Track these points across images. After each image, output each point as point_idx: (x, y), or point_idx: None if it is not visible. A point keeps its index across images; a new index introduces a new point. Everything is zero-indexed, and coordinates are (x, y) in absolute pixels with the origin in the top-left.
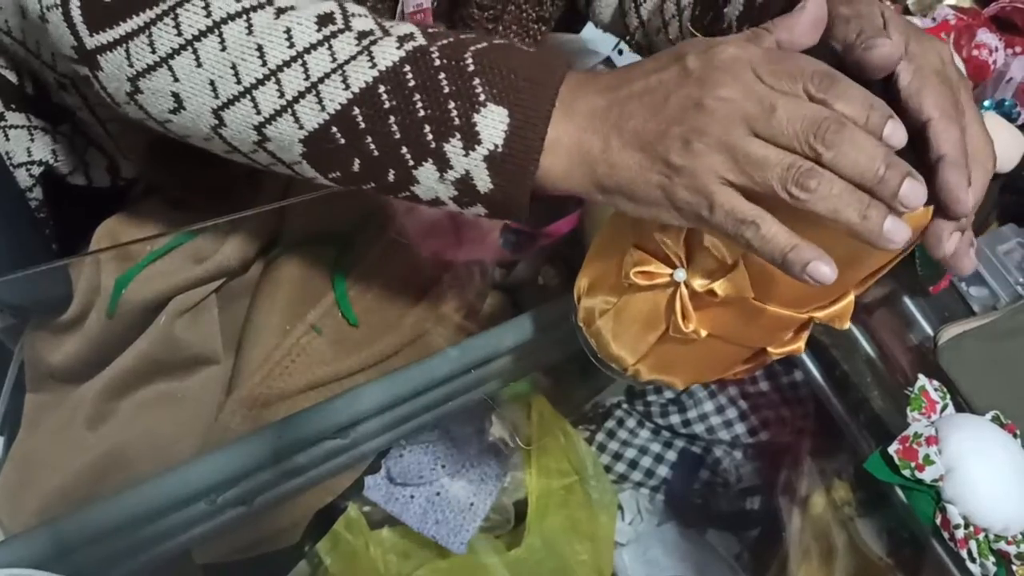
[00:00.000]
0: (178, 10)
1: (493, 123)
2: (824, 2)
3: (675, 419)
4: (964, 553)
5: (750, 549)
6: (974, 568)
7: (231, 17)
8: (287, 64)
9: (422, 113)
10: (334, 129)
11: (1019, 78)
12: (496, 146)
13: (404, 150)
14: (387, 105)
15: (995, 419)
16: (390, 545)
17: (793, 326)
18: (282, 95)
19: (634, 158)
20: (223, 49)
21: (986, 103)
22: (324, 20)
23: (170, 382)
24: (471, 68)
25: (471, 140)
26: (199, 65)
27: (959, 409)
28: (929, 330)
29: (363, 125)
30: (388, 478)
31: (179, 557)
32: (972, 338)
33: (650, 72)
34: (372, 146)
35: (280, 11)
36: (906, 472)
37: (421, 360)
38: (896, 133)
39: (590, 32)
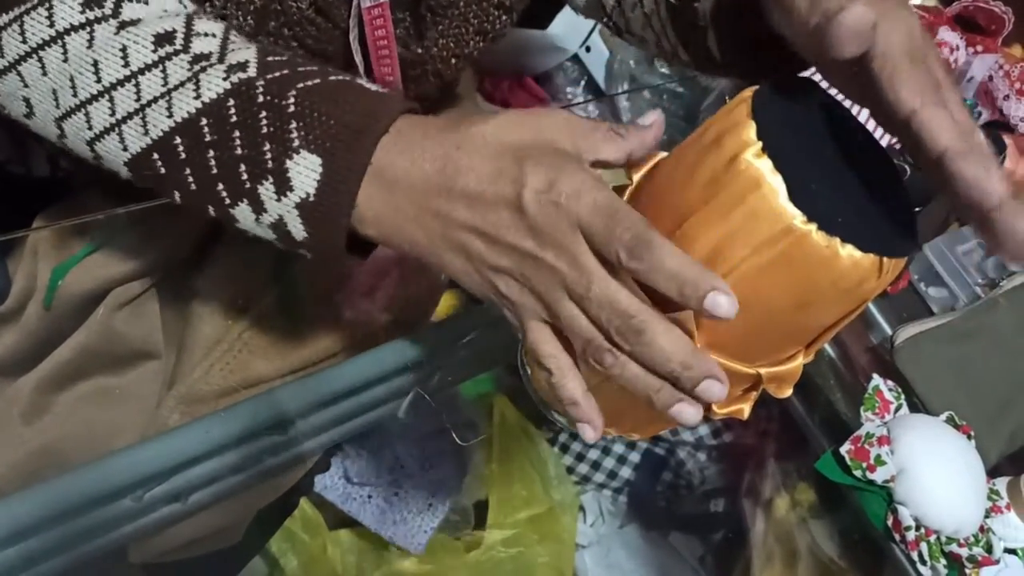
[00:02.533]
0: (24, 17)
1: (305, 171)
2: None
3: None
4: (915, 555)
5: (713, 552)
6: (925, 571)
7: (74, 28)
8: (120, 83)
9: (239, 151)
10: (155, 156)
11: (980, 77)
12: (308, 195)
13: (220, 187)
14: (207, 139)
15: (949, 420)
16: (349, 546)
17: (739, 382)
18: (113, 113)
19: (463, 266)
20: (64, 60)
21: None
22: (162, 39)
23: (109, 376)
24: (291, 109)
25: (283, 186)
26: (44, 73)
27: (914, 410)
28: (888, 330)
29: (183, 156)
30: (345, 478)
31: (113, 556)
32: (929, 339)
33: (487, 180)
34: (191, 179)
35: (122, 25)
36: (857, 473)
37: (356, 356)
38: (716, 303)
39: (558, 28)
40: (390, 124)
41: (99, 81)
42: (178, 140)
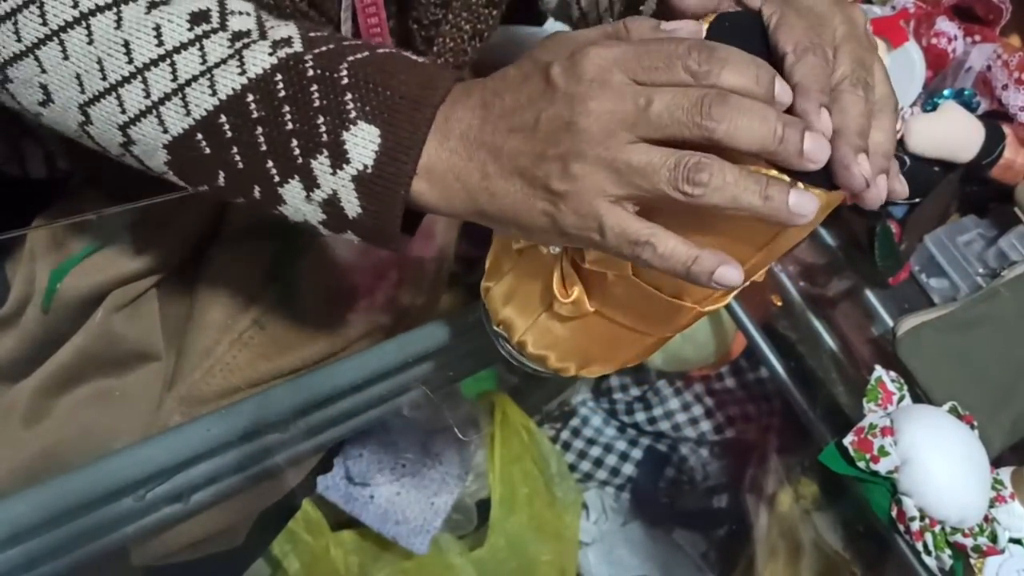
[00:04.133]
0: None
1: (363, 142)
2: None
3: (640, 416)
4: (920, 546)
5: (717, 548)
6: (930, 561)
7: (99, 9)
8: (154, 63)
9: (290, 126)
10: (199, 136)
11: (978, 67)
12: (365, 167)
13: (270, 164)
14: (255, 115)
15: (952, 410)
16: (352, 547)
17: (685, 314)
18: (148, 95)
19: (515, 185)
20: (90, 42)
21: (945, 92)
22: (197, 18)
23: (109, 379)
24: (344, 81)
25: (339, 158)
26: (66, 57)
27: (917, 400)
28: (890, 322)
29: (229, 134)
30: (347, 478)
31: (116, 558)
32: (931, 329)
33: (517, 84)
34: (237, 157)
35: (152, 5)
36: (861, 464)
37: (357, 353)
38: (784, 91)
39: (553, 26)
40: (446, 95)
41: (131, 62)
42: (223, 118)
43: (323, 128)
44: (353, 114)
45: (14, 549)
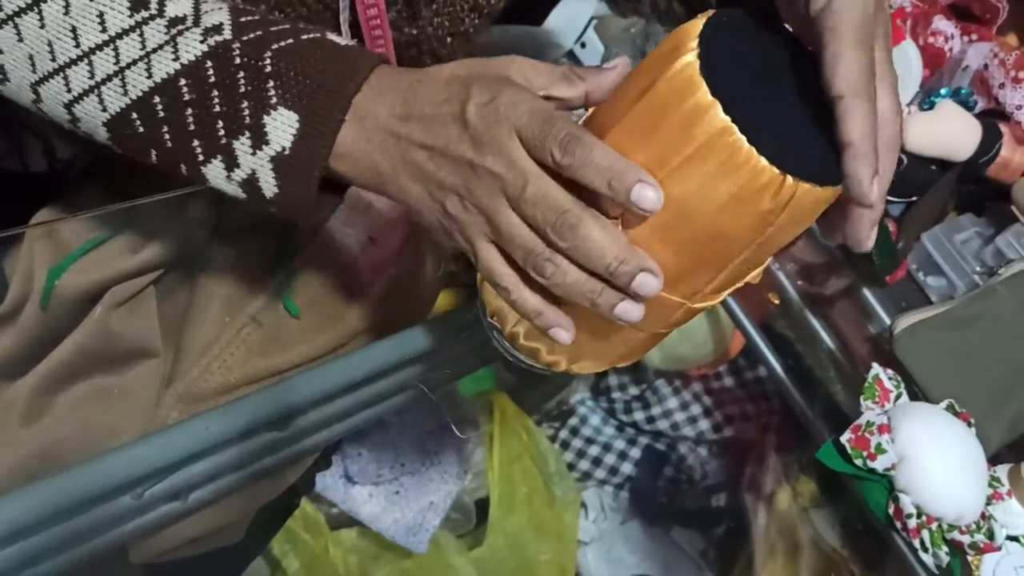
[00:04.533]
0: None
1: (282, 126)
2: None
3: (639, 416)
4: (917, 543)
5: (716, 546)
6: (927, 558)
7: None
8: (99, 48)
9: (217, 109)
10: (134, 115)
11: (975, 66)
12: (283, 148)
13: (195, 143)
14: (186, 98)
15: (949, 408)
16: (351, 546)
17: (673, 311)
18: (92, 76)
19: (418, 190)
20: (41, 26)
21: (942, 91)
22: (137, 5)
23: (107, 376)
24: (268, 69)
25: (259, 140)
26: (20, 40)
27: (914, 398)
28: (888, 320)
29: (161, 114)
30: (346, 477)
31: (114, 556)
32: (928, 327)
33: (439, 101)
34: (167, 136)
35: None
36: (858, 461)
37: (354, 351)
38: (643, 195)
39: (553, 24)
40: (363, 82)
41: (78, 46)
42: (157, 99)
43: (246, 112)
44: (274, 100)
45: (12, 547)
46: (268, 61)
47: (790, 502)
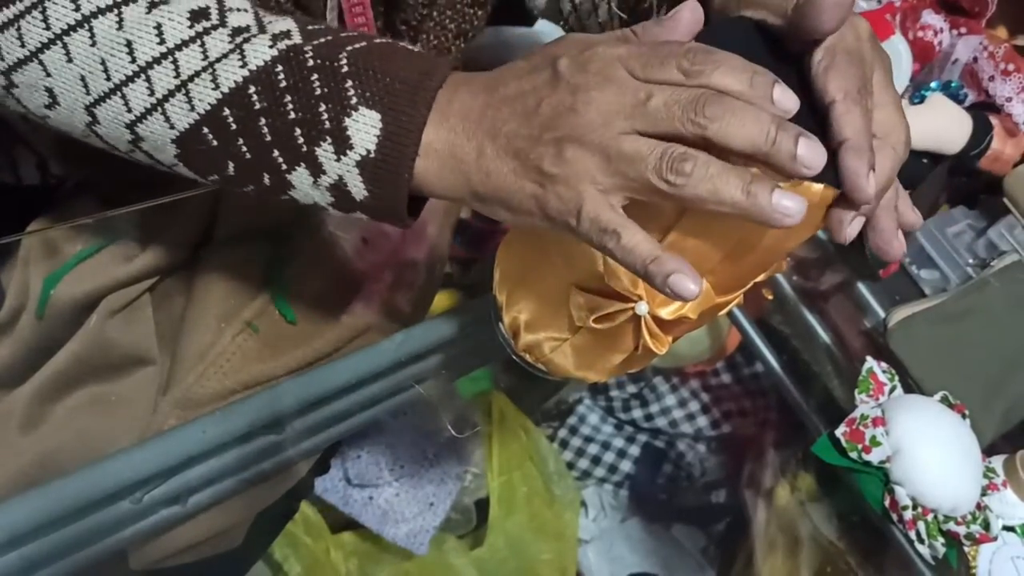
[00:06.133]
0: (46, 3)
1: (365, 127)
2: (699, 6)
3: (637, 413)
4: (913, 534)
5: (716, 543)
6: (923, 549)
7: (101, 11)
8: (157, 61)
9: (293, 116)
10: (205, 130)
11: (964, 59)
12: (368, 151)
13: (276, 153)
14: (258, 106)
15: (943, 400)
16: (352, 548)
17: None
18: (152, 93)
19: (508, 165)
20: (93, 44)
21: (932, 85)
22: (197, 16)
23: (104, 384)
24: (344, 69)
25: (342, 144)
26: (69, 60)
27: (909, 391)
28: (882, 314)
29: (234, 126)
30: (345, 480)
31: (114, 562)
32: (922, 320)
33: (524, 74)
34: (244, 148)
35: (152, 5)
36: (853, 454)
37: (351, 354)
38: (785, 97)
39: (543, 26)
40: (443, 80)
41: (134, 61)
42: (227, 111)
43: (325, 116)
44: (354, 100)
45: (11, 554)
46: (344, 61)
47: (789, 497)
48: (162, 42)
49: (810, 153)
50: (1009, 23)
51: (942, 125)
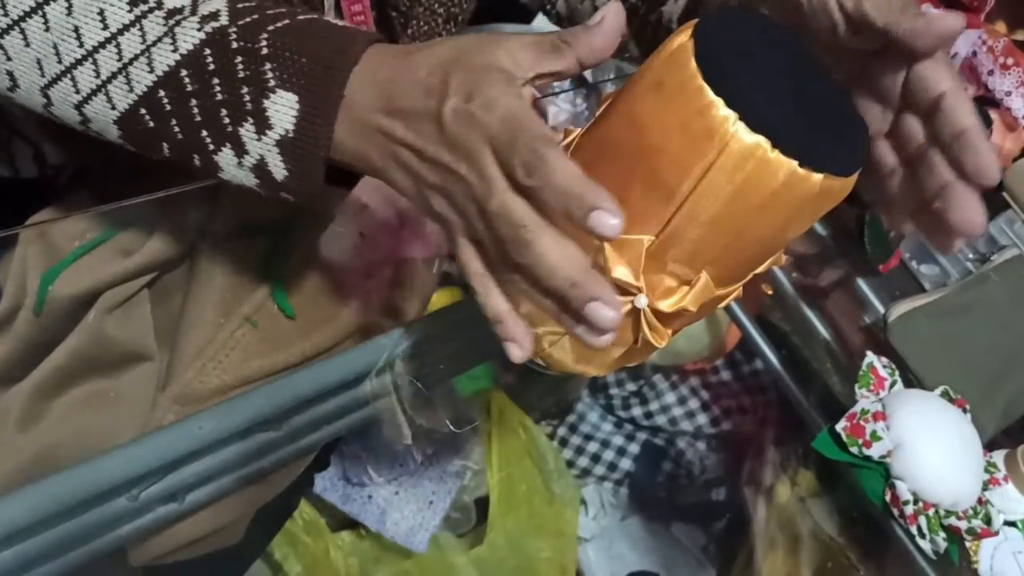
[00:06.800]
0: None
1: (283, 109)
2: (622, 9)
3: (637, 411)
4: (914, 529)
5: (716, 541)
6: (924, 544)
7: None
8: (102, 45)
9: (219, 97)
10: (143, 111)
11: (964, 53)
12: (287, 131)
13: (204, 134)
14: (189, 88)
15: (944, 394)
16: (352, 548)
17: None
18: (98, 75)
19: (407, 184)
20: (46, 29)
21: None
22: None
23: (102, 380)
24: (264, 52)
25: (263, 125)
26: (27, 45)
27: (909, 385)
28: (882, 309)
29: (168, 108)
30: (344, 478)
31: (113, 558)
32: (922, 315)
33: (419, 97)
34: (176, 129)
35: None
36: (854, 449)
37: (349, 349)
38: (600, 222)
39: (540, 23)
40: (359, 57)
41: (81, 46)
42: (162, 93)
43: (247, 97)
44: (272, 83)
45: (8, 551)
46: (264, 43)
47: (789, 495)
48: (105, 27)
49: (599, 316)
50: (1008, 17)
51: None
